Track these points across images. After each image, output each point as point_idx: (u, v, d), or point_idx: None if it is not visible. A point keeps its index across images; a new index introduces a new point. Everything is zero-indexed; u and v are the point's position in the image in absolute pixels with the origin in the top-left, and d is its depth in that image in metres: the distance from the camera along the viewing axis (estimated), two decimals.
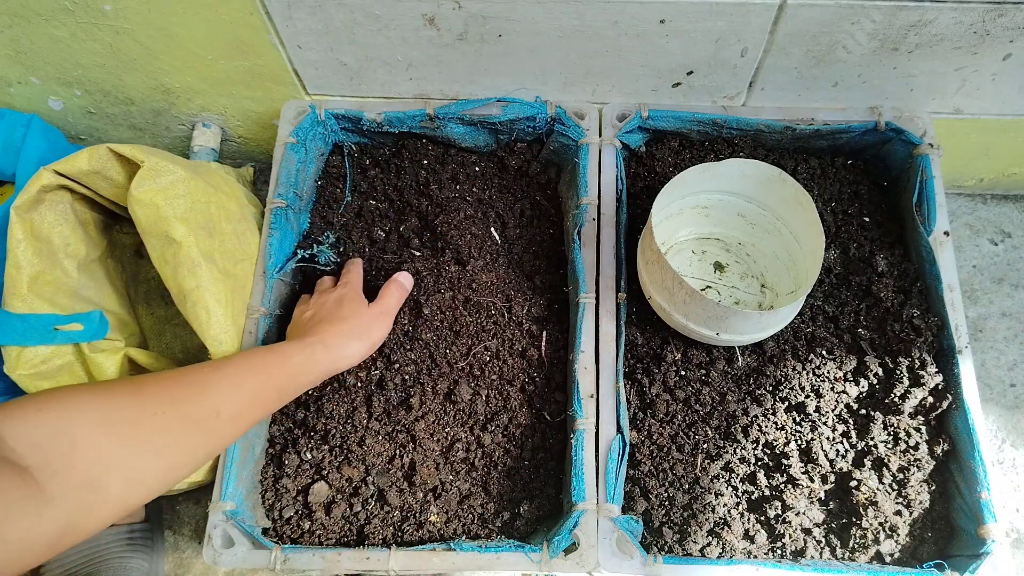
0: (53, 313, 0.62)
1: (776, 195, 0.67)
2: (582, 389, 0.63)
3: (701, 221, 0.74)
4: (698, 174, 0.65)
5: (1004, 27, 0.63)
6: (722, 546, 0.61)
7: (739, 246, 0.74)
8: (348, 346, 0.60)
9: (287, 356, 0.57)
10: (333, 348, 0.59)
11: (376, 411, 0.65)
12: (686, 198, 0.70)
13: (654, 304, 0.65)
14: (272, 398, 0.55)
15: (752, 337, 0.63)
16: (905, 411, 0.63)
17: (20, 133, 0.73)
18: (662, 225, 0.72)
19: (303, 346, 0.58)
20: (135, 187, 0.62)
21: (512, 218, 0.74)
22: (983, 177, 0.90)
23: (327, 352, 0.59)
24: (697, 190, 0.69)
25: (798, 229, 0.67)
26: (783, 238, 0.70)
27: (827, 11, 0.62)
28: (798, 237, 0.68)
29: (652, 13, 0.63)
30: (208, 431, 0.49)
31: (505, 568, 0.58)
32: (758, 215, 0.71)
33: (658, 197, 0.62)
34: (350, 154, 0.78)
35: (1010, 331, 0.87)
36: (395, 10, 0.64)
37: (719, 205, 0.72)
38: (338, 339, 0.60)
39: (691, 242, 0.75)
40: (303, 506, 0.64)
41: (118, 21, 0.68)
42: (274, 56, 0.72)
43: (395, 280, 0.67)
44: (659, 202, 0.63)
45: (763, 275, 0.73)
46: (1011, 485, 0.80)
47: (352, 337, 0.61)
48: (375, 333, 0.63)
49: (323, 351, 0.59)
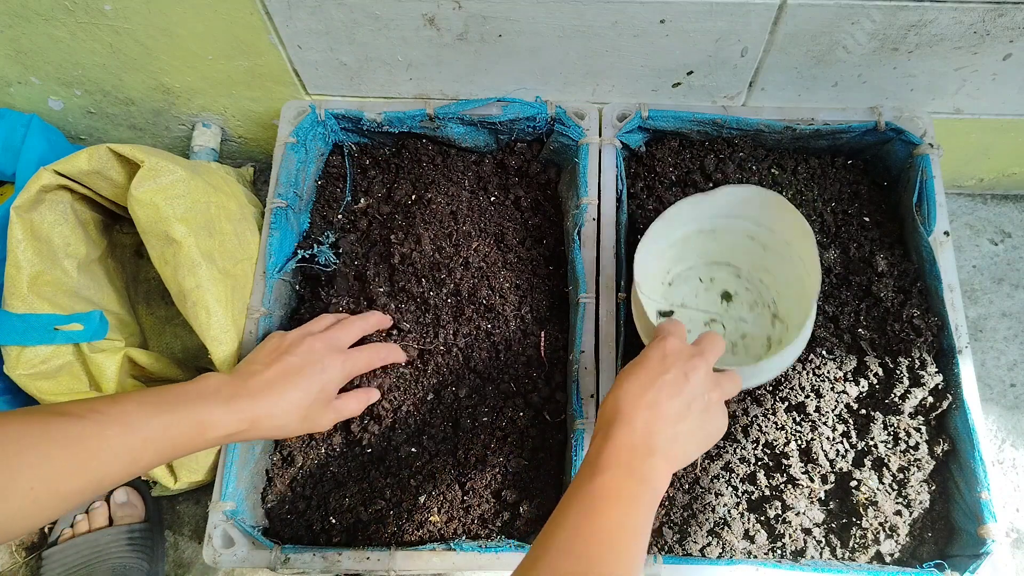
0: (53, 313, 0.62)
1: (781, 220, 0.63)
2: (582, 389, 0.63)
3: (709, 245, 0.69)
4: (691, 206, 0.61)
5: (1004, 27, 0.63)
6: (722, 546, 0.61)
7: (751, 271, 0.69)
8: (277, 430, 0.55)
9: (203, 435, 0.50)
10: (259, 430, 0.54)
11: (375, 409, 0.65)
12: (688, 225, 0.66)
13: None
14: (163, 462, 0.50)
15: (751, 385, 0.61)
16: (905, 411, 0.63)
17: (20, 133, 0.73)
18: (666, 253, 0.68)
19: (232, 425, 0.52)
20: (135, 187, 0.62)
21: (512, 218, 0.74)
22: (983, 177, 0.90)
23: (257, 435, 0.54)
24: (697, 218, 0.65)
25: (805, 256, 0.62)
26: (794, 264, 0.64)
27: (827, 11, 0.62)
28: (806, 265, 0.62)
29: (652, 13, 0.63)
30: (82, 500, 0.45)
31: (505, 568, 0.58)
32: (769, 238, 0.66)
33: (648, 232, 0.58)
34: (350, 154, 0.78)
35: (1010, 331, 0.87)
36: (395, 10, 0.64)
37: (726, 228, 0.67)
38: (270, 424, 0.54)
39: (699, 268, 0.71)
40: (303, 506, 0.64)
41: (118, 21, 0.68)
42: (274, 56, 0.72)
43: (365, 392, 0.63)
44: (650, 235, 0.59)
45: (775, 304, 0.68)
46: (1011, 485, 0.80)
47: (287, 427, 0.56)
48: (317, 425, 0.58)
49: (252, 435, 0.54)
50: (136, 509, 0.76)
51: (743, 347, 0.68)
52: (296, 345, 0.59)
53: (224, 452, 0.63)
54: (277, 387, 0.55)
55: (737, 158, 0.73)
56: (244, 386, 0.54)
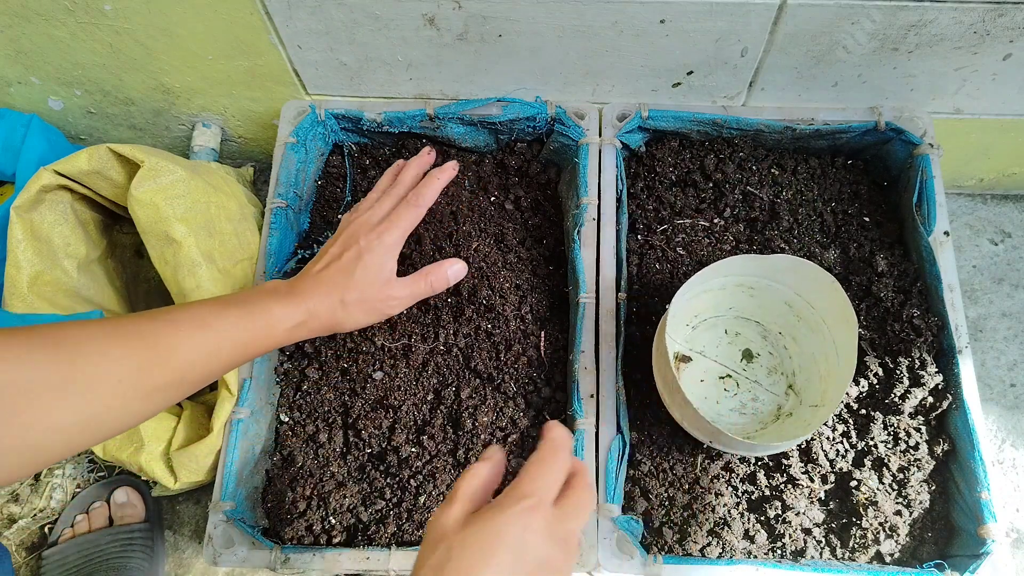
0: (53, 313, 0.62)
1: (825, 299, 0.61)
2: (582, 389, 0.63)
3: (742, 300, 0.68)
4: (743, 263, 0.61)
5: (1004, 27, 0.63)
6: (722, 546, 0.61)
7: (779, 335, 0.69)
8: (348, 321, 0.56)
9: (271, 327, 0.51)
10: (327, 322, 0.55)
11: (375, 409, 0.65)
12: (729, 277, 0.65)
13: (657, 386, 0.62)
14: (240, 362, 0.51)
15: (744, 454, 0.62)
16: (905, 411, 0.63)
17: (20, 133, 0.73)
18: (699, 298, 0.67)
19: (294, 317, 0.53)
20: (135, 187, 0.62)
21: (512, 218, 0.74)
22: (983, 177, 0.90)
23: (318, 325, 0.55)
24: (742, 272, 0.65)
25: (840, 342, 0.61)
26: (824, 344, 0.63)
27: (827, 11, 0.62)
28: (838, 350, 0.62)
29: (652, 13, 0.63)
30: (168, 398, 0.46)
31: None
32: (806, 310, 0.65)
33: (695, 276, 0.58)
34: (350, 154, 0.78)
35: (1010, 331, 0.87)
36: (395, 10, 0.64)
37: (767, 288, 0.66)
38: (338, 313, 0.55)
39: (727, 319, 0.70)
40: (303, 506, 0.64)
41: (118, 21, 0.68)
42: (274, 56, 0.72)
43: (445, 268, 0.61)
44: (694, 281, 0.59)
45: (794, 375, 0.67)
46: (1011, 485, 0.80)
47: (356, 312, 0.56)
48: (388, 311, 0.58)
49: (314, 326, 0.54)
50: (136, 509, 0.76)
51: (752, 410, 0.67)
52: (338, 236, 0.59)
53: (224, 452, 0.63)
54: (324, 282, 0.55)
55: (737, 158, 0.73)
56: (297, 285, 0.55)
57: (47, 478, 0.79)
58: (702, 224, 0.72)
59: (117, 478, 0.78)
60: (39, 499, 0.79)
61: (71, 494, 0.79)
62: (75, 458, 0.80)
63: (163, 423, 0.66)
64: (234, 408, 0.64)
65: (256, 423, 0.65)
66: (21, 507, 0.79)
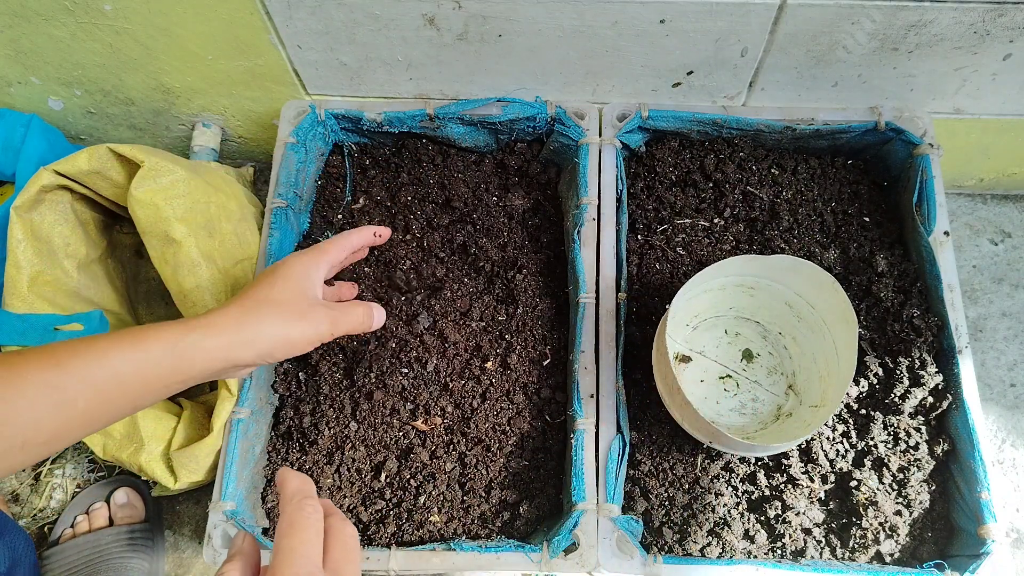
0: (53, 313, 0.62)
1: (826, 300, 0.61)
2: (582, 389, 0.63)
3: (743, 300, 0.68)
4: (743, 263, 0.61)
5: (1004, 27, 0.63)
6: (722, 546, 0.61)
7: (779, 335, 0.69)
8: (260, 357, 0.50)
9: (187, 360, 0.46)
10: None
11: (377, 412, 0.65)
12: (730, 277, 0.65)
13: (657, 386, 0.62)
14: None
15: (744, 454, 0.61)
16: (905, 411, 0.63)
17: (20, 133, 0.73)
18: (699, 298, 0.67)
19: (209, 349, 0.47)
20: (135, 187, 0.62)
21: (512, 218, 0.74)
22: (983, 177, 0.90)
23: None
24: (742, 272, 0.65)
25: (840, 343, 0.61)
26: (825, 345, 0.63)
27: (827, 11, 0.62)
28: (839, 351, 0.62)
29: (652, 13, 0.63)
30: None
31: (505, 568, 0.58)
32: (806, 311, 0.65)
33: (695, 276, 0.58)
34: (350, 154, 0.78)
35: (1010, 331, 0.87)
36: (395, 10, 0.64)
37: (767, 289, 0.66)
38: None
39: (728, 319, 0.70)
40: None
41: (118, 21, 0.68)
42: (274, 56, 0.72)
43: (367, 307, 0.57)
44: (695, 281, 0.59)
45: (794, 375, 0.67)
46: (1011, 485, 0.80)
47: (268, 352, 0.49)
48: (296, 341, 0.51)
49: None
50: (136, 509, 0.76)
51: (752, 410, 0.67)
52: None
53: (224, 452, 0.63)
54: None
55: (737, 158, 0.73)
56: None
57: (47, 478, 0.79)
58: (702, 224, 0.72)
59: (117, 478, 0.78)
60: (39, 499, 0.79)
61: (71, 494, 0.79)
62: (75, 458, 0.80)
63: (163, 423, 0.66)
64: (234, 408, 0.64)
65: (256, 423, 0.65)
66: (21, 507, 0.79)
